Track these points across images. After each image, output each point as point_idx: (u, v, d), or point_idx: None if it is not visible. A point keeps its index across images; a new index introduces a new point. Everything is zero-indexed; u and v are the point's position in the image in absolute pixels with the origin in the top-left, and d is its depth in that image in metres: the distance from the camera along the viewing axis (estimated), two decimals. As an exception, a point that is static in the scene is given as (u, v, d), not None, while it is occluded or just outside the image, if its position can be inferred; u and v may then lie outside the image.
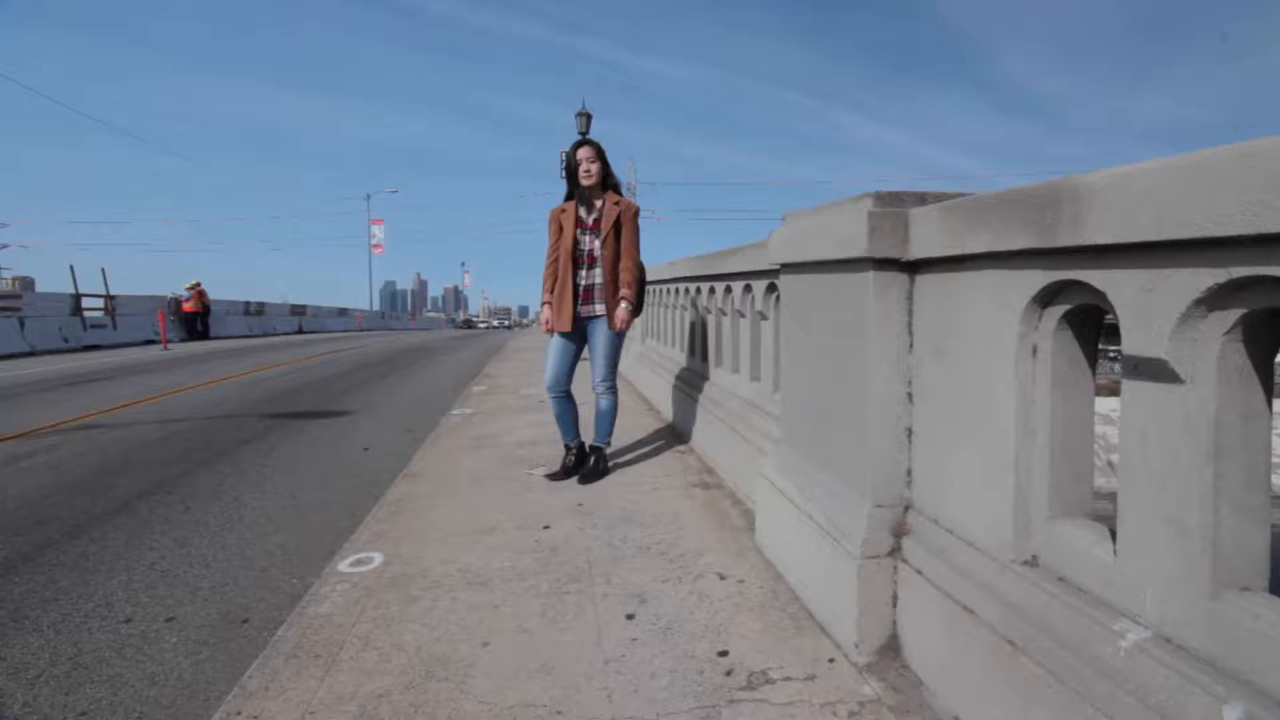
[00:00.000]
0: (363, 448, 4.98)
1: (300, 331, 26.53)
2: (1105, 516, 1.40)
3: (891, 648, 1.80)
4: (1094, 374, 1.46)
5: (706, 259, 4.38)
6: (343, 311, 35.27)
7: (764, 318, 3.35)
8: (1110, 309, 1.26)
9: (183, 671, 2.07)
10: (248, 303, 24.89)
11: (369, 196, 41.42)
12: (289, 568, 2.82)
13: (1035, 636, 1.32)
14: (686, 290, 5.11)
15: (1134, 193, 1.11)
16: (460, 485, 3.58)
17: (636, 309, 3.61)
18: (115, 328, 17.42)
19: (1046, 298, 1.42)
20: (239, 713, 1.66)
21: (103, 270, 18.05)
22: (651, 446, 4.35)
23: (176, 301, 19.87)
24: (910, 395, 1.87)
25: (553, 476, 3.65)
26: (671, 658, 1.85)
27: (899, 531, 1.85)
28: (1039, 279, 1.39)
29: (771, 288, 3.23)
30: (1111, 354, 14.15)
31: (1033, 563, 1.46)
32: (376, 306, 45.73)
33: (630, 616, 2.09)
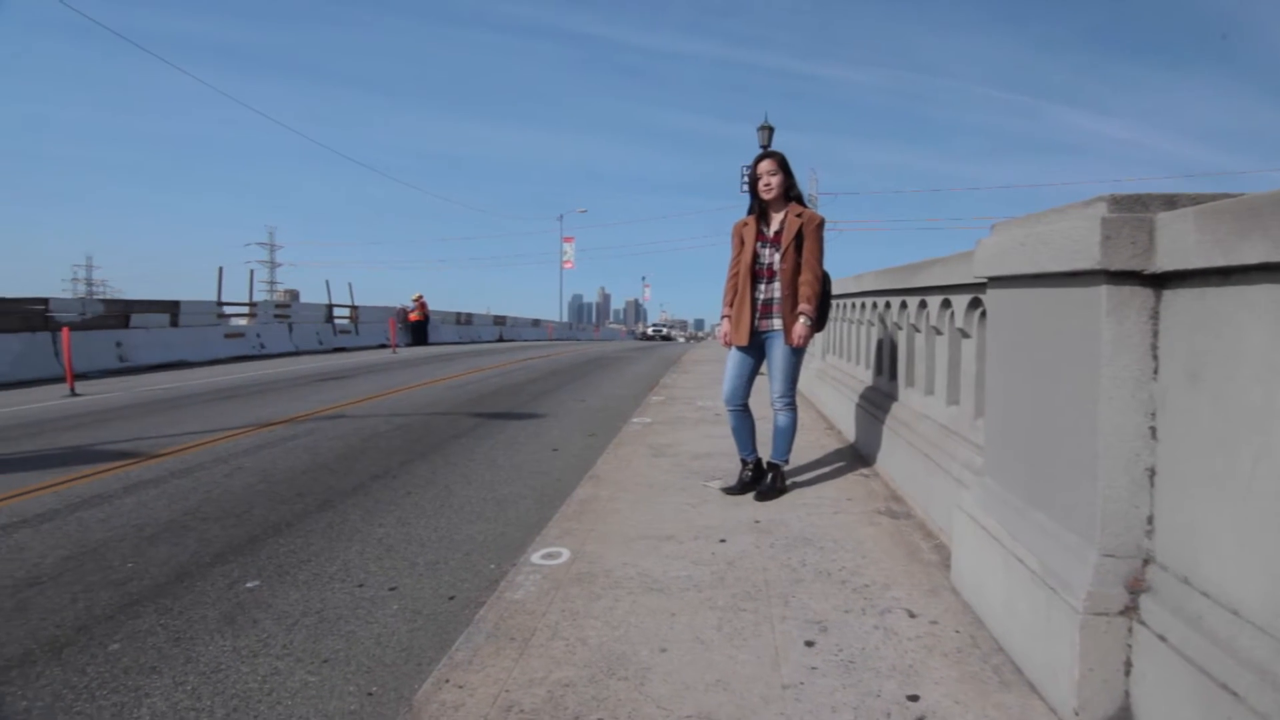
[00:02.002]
0: (552, 448, 5.34)
1: (500, 340, 29.15)
2: None
3: (1122, 721, 1.55)
4: None
5: (897, 272, 4.12)
6: (536, 322, 38.18)
7: (965, 335, 3.08)
8: None
9: (401, 636, 2.35)
10: (458, 314, 27.87)
11: (561, 217, 44.64)
12: (488, 554, 3.10)
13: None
14: (874, 305, 4.85)
15: None
16: (639, 492, 3.69)
17: (818, 324, 3.50)
18: (357, 333, 20.42)
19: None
20: (448, 680, 1.85)
21: (349, 285, 21.32)
22: (832, 467, 4.18)
23: (404, 311, 22.80)
24: (1154, 430, 1.61)
25: (729, 491, 3.64)
26: (855, 694, 1.76)
27: (1134, 587, 1.60)
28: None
29: (975, 303, 2.96)
30: None
31: (1329, 646, 1.18)
32: (565, 318, 49.02)
33: (810, 644, 2.02)
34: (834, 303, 6.14)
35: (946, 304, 3.34)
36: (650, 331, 60.43)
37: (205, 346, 14.57)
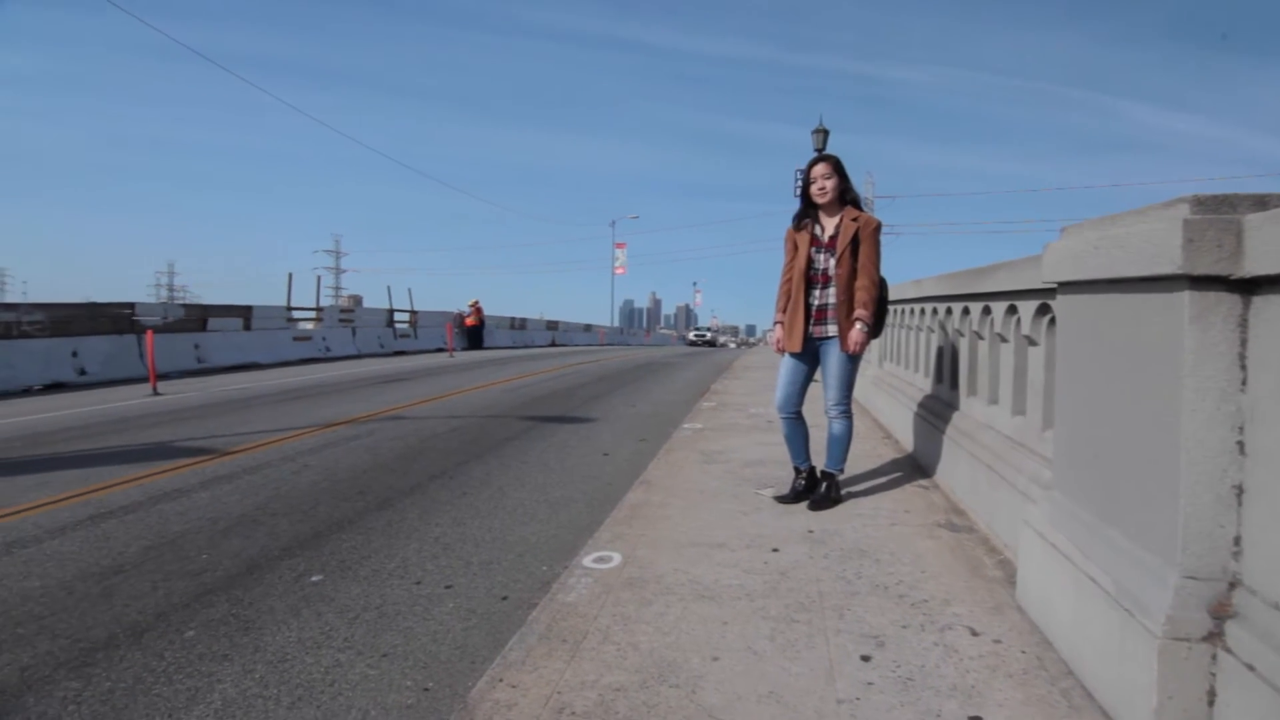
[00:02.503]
0: (602, 453, 5.37)
1: (553, 345, 29.54)
2: None
3: (1206, 755, 1.46)
4: None
5: (959, 277, 4.00)
6: (588, 327, 38.55)
7: (1032, 343, 2.96)
8: None
9: (456, 634, 2.40)
10: (512, 319, 28.39)
11: (614, 223, 45.01)
12: (540, 555, 3.14)
13: None
14: (934, 311, 4.72)
15: None
16: (690, 498, 3.68)
17: (874, 330, 3.42)
18: (416, 337, 21.03)
19: None
20: (501, 679, 1.88)
21: (409, 290, 21.98)
22: (888, 478, 4.07)
23: (460, 316, 23.37)
24: (1241, 445, 1.51)
25: (781, 499, 3.59)
26: (913, 712, 1.70)
27: (1219, 612, 1.50)
28: None
29: (1043, 309, 2.84)
30: None
31: None
32: (615, 323, 49.38)
33: (865, 658, 1.97)
34: (891, 308, 6.00)
35: (1012, 310, 3.22)
36: (693, 337, 50.13)
37: (275, 349, 15.25)
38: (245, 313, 15.17)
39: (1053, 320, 2.70)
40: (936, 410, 4.26)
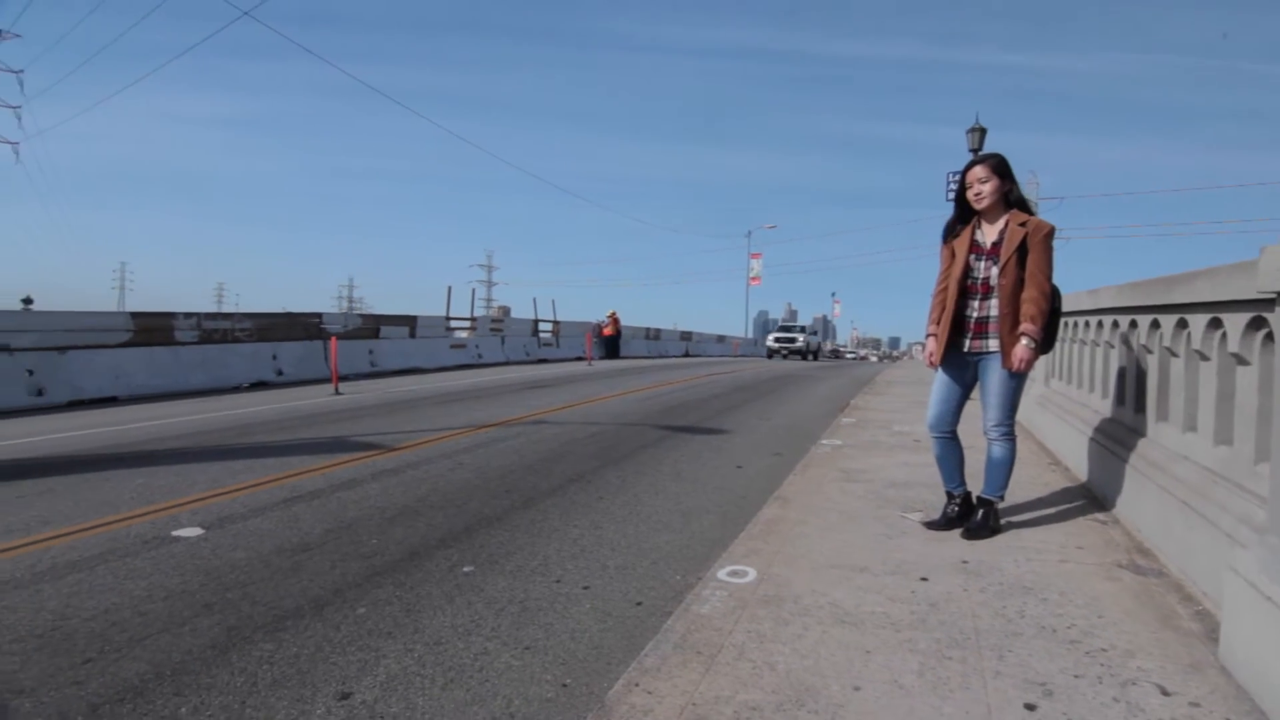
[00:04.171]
0: (736, 465, 5.32)
1: (686, 355, 29.73)
2: None
3: None
4: None
5: (1146, 286, 3.54)
6: (721, 338, 38.39)
7: (1242, 362, 2.55)
8: None
9: (592, 634, 2.48)
10: (648, 329, 28.94)
11: (750, 233, 44.49)
12: (674, 565, 3.16)
13: None
14: (1114, 324, 4.21)
15: None
16: (829, 517, 3.54)
17: (1043, 346, 3.11)
18: (558, 346, 22.06)
19: None
20: (637, 684, 1.91)
21: (553, 301, 23.14)
22: (1056, 509, 3.68)
23: (599, 326, 24.19)
24: None
25: (931, 525, 3.35)
26: (1087, 772, 1.52)
27: None
28: None
29: (1257, 323, 2.45)
30: None
31: None
32: (750, 334, 48.71)
33: (1030, 707, 1.78)
34: (1061, 321, 5.43)
35: (1215, 323, 2.80)
36: (773, 342, 29.81)
37: (434, 355, 16.61)
38: (410, 322, 16.69)
39: (1270, 336, 2.32)
40: (1116, 436, 3.79)
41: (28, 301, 26.11)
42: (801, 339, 29.53)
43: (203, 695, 2.06)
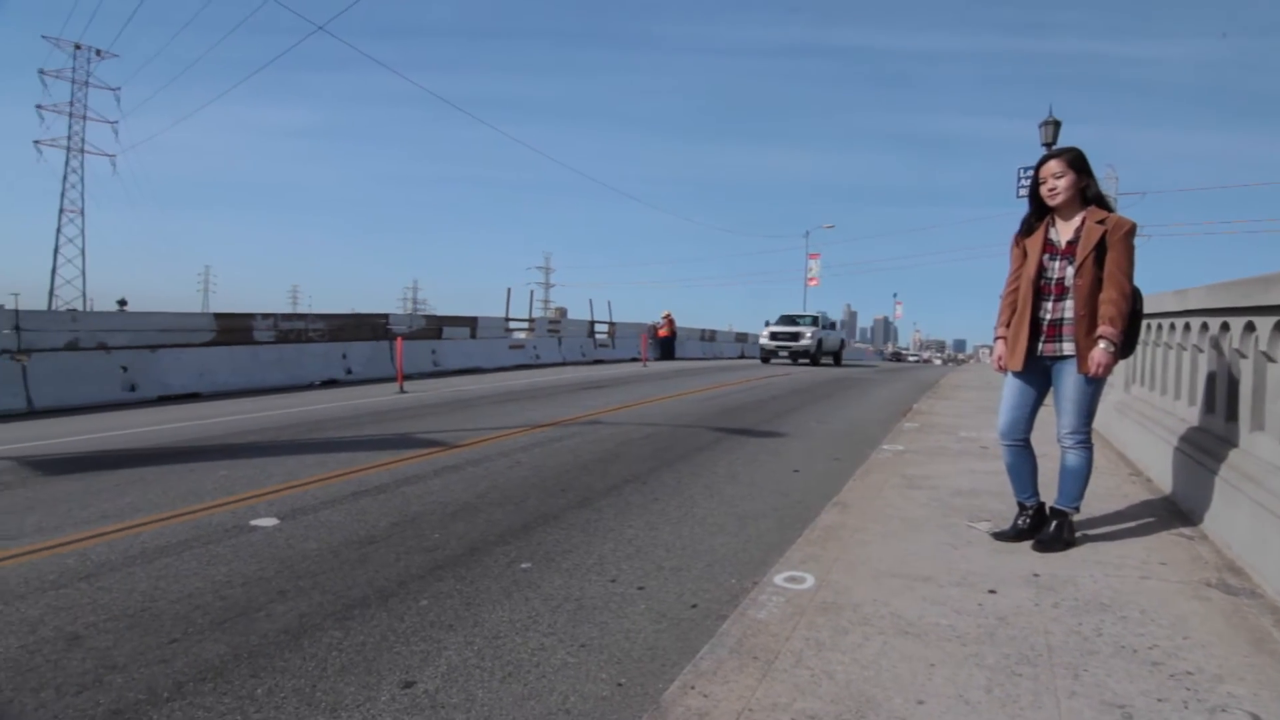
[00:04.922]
0: (793, 469, 5.23)
1: (742, 356, 29.43)
2: None
3: None
4: None
5: (1241, 286, 3.30)
6: (778, 340, 37.81)
7: (1353, 369, 2.36)
8: None
9: (647, 634, 2.48)
10: (703, 330, 28.80)
11: (808, 233, 43.62)
12: (729, 568, 3.14)
13: None
14: (1203, 327, 3.95)
15: None
16: (891, 525, 3.44)
17: (1123, 350, 2.94)
18: (614, 347, 22.22)
19: None
20: (693, 687, 1.90)
21: (608, 303, 23.31)
22: (1137, 522, 3.47)
23: (654, 328, 24.23)
24: None
25: (1000, 536, 3.21)
26: (1173, 803, 1.43)
27: None
28: None
29: (1372, 327, 2.26)
30: None
31: None
32: (808, 336, 47.73)
33: (1107, 729, 1.69)
34: (1143, 323, 5.12)
35: (1322, 327, 2.59)
36: (767, 339, 21.16)
37: (494, 355, 16.99)
38: (471, 323, 17.12)
39: (1387, 341, 2.13)
40: (1205, 446, 3.56)
41: (122, 303, 28.04)
42: (809, 333, 20.31)
43: (277, 678, 2.17)
